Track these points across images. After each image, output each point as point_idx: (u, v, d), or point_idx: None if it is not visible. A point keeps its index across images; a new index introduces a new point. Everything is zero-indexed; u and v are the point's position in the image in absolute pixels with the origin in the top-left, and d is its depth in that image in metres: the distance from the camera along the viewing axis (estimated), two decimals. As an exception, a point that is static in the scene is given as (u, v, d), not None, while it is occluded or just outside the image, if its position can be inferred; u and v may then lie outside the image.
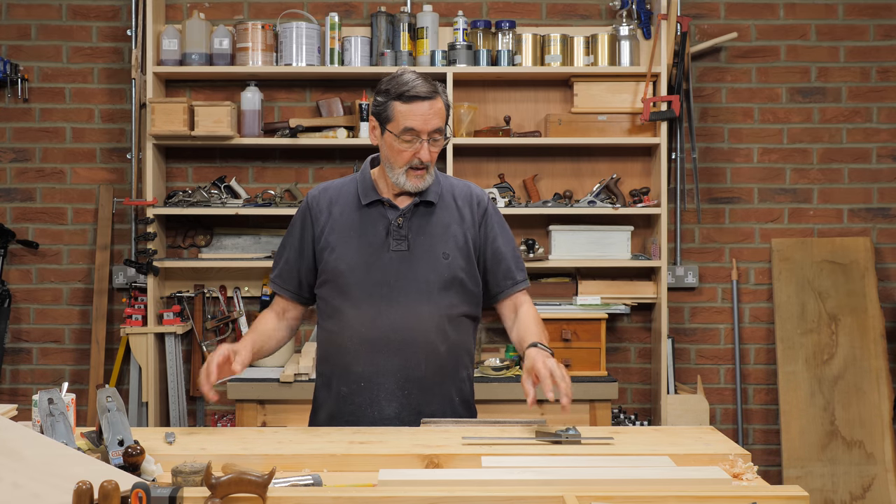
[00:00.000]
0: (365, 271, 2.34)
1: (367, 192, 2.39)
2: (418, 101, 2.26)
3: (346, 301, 2.35)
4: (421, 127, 2.27)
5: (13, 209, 4.33)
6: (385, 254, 2.34)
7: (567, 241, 4.15)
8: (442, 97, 2.31)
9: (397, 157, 2.31)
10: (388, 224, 2.35)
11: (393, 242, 2.34)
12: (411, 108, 2.26)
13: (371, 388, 2.34)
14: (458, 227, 2.39)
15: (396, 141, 2.29)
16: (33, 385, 4.30)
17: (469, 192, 2.45)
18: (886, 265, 4.39)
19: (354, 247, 2.35)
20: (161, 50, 4.10)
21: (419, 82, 2.28)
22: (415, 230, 2.36)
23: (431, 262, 2.35)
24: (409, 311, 2.32)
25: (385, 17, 4.12)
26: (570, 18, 4.34)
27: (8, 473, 1.58)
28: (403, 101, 2.27)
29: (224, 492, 1.57)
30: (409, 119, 2.26)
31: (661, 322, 4.13)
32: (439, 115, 2.30)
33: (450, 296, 2.36)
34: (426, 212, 2.38)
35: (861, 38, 4.36)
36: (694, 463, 1.91)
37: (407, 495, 1.61)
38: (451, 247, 2.37)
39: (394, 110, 2.28)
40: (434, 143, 2.30)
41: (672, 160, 4.22)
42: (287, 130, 4.11)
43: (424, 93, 2.27)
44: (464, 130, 4.11)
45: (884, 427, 4.16)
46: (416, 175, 2.31)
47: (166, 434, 2.07)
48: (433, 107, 2.28)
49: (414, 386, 2.34)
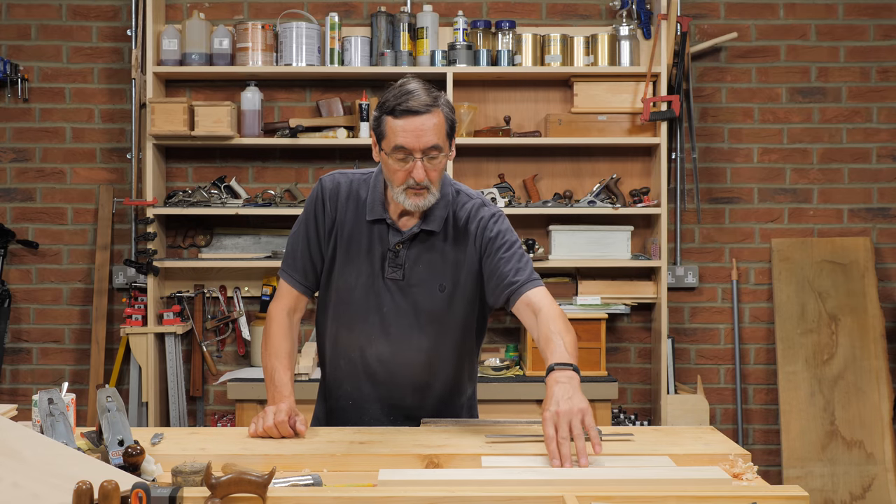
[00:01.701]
0: (361, 293, 2.24)
1: (375, 208, 2.23)
2: (410, 115, 2.07)
3: (337, 319, 2.29)
4: (412, 144, 2.08)
5: (13, 209, 4.33)
6: (379, 280, 2.23)
7: (567, 241, 4.15)
8: (442, 110, 2.11)
9: (393, 177, 2.14)
10: (385, 249, 2.22)
11: (388, 269, 2.22)
12: (402, 124, 2.08)
13: (356, 410, 2.30)
14: (459, 255, 2.24)
15: (389, 160, 2.12)
16: (33, 385, 4.30)
17: (475, 215, 2.25)
18: (886, 265, 4.39)
19: (355, 264, 2.25)
20: (161, 50, 4.10)
21: (416, 95, 2.09)
22: (412, 259, 2.22)
23: (426, 294, 2.22)
24: (398, 343, 2.24)
25: (385, 17, 4.12)
26: (570, 18, 4.34)
27: (8, 473, 1.58)
28: (395, 117, 2.09)
29: (224, 492, 1.57)
30: (400, 136, 2.08)
31: (661, 322, 4.13)
32: (436, 131, 2.09)
33: (443, 329, 2.26)
34: (427, 240, 2.23)
35: (861, 38, 4.37)
36: (694, 463, 1.91)
37: (407, 495, 1.61)
38: (449, 279, 2.23)
39: (386, 126, 2.11)
40: (430, 161, 2.11)
41: (672, 160, 4.22)
42: (287, 130, 4.11)
43: (417, 106, 2.07)
44: (464, 130, 4.11)
45: (884, 427, 4.16)
46: (416, 193, 2.13)
47: (154, 435, 2.06)
48: (427, 122, 2.08)
49: (399, 413, 2.30)
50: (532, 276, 2.21)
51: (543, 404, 1.93)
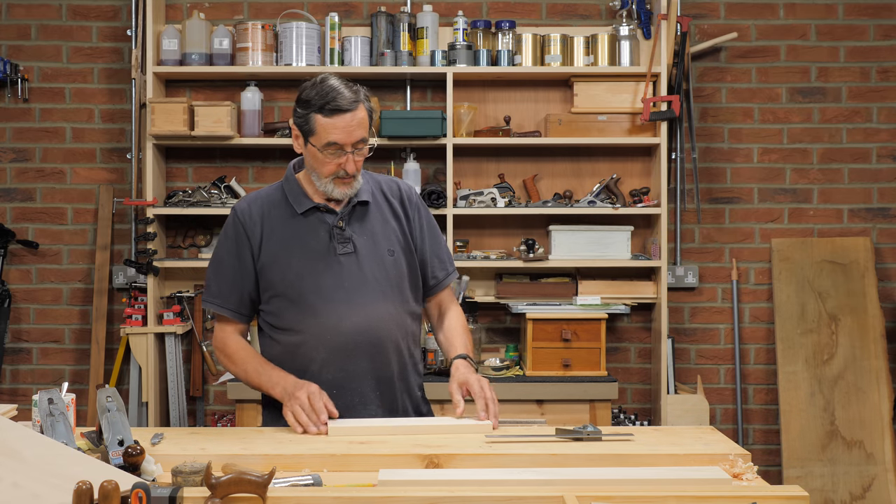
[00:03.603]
0: (316, 278, 2.30)
1: (300, 200, 2.35)
2: (339, 113, 2.20)
3: (302, 311, 2.31)
4: (344, 140, 2.22)
5: (13, 209, 4.33)
6: (332, 258, 2.31)
7: (567, 241, 4.15)
8: (364, 105, 2.25)
9: (322, 168, 2.27)
10: (329, 228, 2.32)
11: (338, 246, 2.32)
12: (333, 122, 2.21)
13: (344, 395, 2.31)
14: (395, 223, 2.39)
15: (320, 154, 2.25)
16: (33, 385, 4.30)
17: (397, 187, 2.45)
18: (886, 265, 4.39)
19: (299, 256, 2.31)
20: (161, 50, 4.10)
21: (340, 92, 2.21)
22: (357, 231, 2.34)
23: (378, 261, 2.34)
24: (370, 311, 2.30)
25: (385, 17, 4.12)
26: (570, 18, 4.34)
27: (8, 473, 1.58)
28: (325, 115, 2.21)
29: (224, 492, 1.57)
30: (332, 133, 2.21)
31: (661, 322, 4.13)
32: (362, 126, 2.24)
33: (403, 291, 2.38)
34: (363, 211, 2.37)
35: (861, 38, 4.37)
36: (694, 463, 1.91)
37: (407, 495, 1.61)
38: (394, 243, 2.37)
39: (315, 123, 2.23)
40: (359, 153, 2.26)
41: (672, 160, 4.22)
42: (287, 130, 4.11)
43: (346, 105, 2.20)
44: (464, 130, 4.11)
45: (884, 427, 4.16)
46: (344, 183, 2.29)
47: (154, 435, 2.06)
48: (355, 118, 2.22)
49: (386, 385, 2.35)
50: (450, 270, 2.50)
51: (453, 374, 2.34)
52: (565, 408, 3.73)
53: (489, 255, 4.14)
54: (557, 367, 3.81)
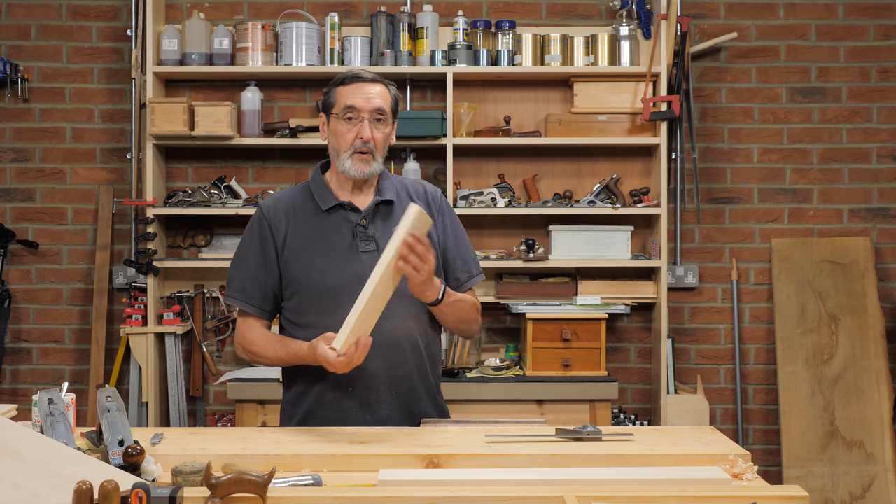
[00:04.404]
0: (338, 275, 2.30)
1: (326, 197, 2.36)
2: (359, 81, 2.30)
3: (322, 308, 2.30)
4: (362, 104, 2.28)
5: (13, 209, 4.33)
6: (354, 255, 2.31)
7: (567, 241, 4.15)
8: (388, 87, 2.34)
9: (342, 141, 2.30)
10: (352, 226, 2.32)
11: (361, 244, 2.31)
12: (352, 88, 2.30)
13: (360, 392, 2.30)
14: None
15: (339, 123, 2.30)
16: (33, 385, 4.30)
17: (423, 189, 2.46)
18: (886, 265, 4.39)
19: (322, 253, 2.31)
20: (161, 50, 4.10)
21: (363, 71, 2.34)
22: (380, 229, 2.33)
23: None
24: (389, 310, 2.26)
25: (385, 17, 4.12)
26: (570, 18, 4.34)
27: (8, 473, 1.58)
28: (345, 84, 2.31)
29: (224, 492, 1.57)
30: (350, 97, 2.29)
31: (661, 322, 4.13)
32: (382, 97, 2.31)
33: None
34: (387, 210, 2.37)
35: (861, 38, 4.37)
36: (694, 463, 1.91)
37: (407, 495, 1.61)
38: None
39: (336, 94, 2.33)
40: (377, 124, 2.30)
41: (672, 160, 4.22)
42: (287, 130, 4.11)
43: (366, 76, 2.32)
44: (464, 130, 4.11)
45: (884, 427, 4.16)
46: (362, 159, 2.30)
47: (154, 435, 2.06)
48: (375, 89, 2.30)
49: (402, 385, 2.33)
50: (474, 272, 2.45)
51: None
52: (565, 408, 3.73)
53: (489, 255, 4.14)
54: (557, 367, 3.81)
